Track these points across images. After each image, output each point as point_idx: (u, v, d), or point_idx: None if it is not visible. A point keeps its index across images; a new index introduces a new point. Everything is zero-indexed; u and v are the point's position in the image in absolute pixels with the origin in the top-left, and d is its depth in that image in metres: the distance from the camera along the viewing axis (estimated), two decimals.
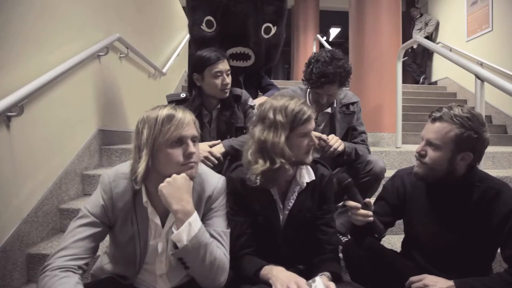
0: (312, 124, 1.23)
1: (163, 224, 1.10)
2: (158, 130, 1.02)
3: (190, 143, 1.06)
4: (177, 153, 1.04)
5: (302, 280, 1.11)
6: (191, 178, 1.08)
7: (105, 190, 1.08)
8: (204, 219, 1.13)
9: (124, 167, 1.12)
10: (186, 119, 1.06)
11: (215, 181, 1.18)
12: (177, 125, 1.03)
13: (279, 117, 1.17)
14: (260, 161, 1.18)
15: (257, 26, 2.25)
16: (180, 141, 1.05)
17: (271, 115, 1.18)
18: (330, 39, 10.37)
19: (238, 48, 2.23)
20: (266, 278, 1.14)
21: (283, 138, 1.16)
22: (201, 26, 2.24)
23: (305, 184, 1.28)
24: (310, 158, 1.24)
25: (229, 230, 1.16)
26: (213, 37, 2.23)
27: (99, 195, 1.09)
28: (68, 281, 0.95)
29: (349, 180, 1.22)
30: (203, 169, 1.19)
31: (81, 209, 1.09)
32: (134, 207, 1.08)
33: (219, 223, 1.14)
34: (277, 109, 1.19)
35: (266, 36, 2.29)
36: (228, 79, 1.74)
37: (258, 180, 1.21)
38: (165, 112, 1.04)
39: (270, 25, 2.28)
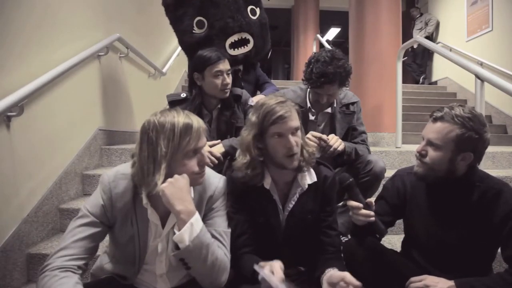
0: (288, 124, 1.17)
1: (163, 225, 1.10)
2: (177, 143, 1.00)
3: (204, 152, 1.07)
4: (193, 163, 1.05)
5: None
6: (200, 184, 1.09)
7: (105, 190, 1.08)
8: (205, 219, 1.13)
9: (124, 168, 1.11)
10: (201, 128, 1.05)
11: (216, 181, 1.18)
12: (195, 137, 1.02)
13: (252, 117, 1.22)
14: (241, 156, 1.23)
15: (242, 9, 2.29)
16: (195, 152, 1.05)
17: (250, 115, 1.24)
18: (330, 39, 10.38)
19: (236, 35, 2.26)
20: None
21: (250, 136, 1.20)
22: (193, 31, 2.27)
23: (306, 186, 1.28)
24: (294, 164, 1.21)
25: (229, 230, 1.16)
26: (208, 35, 2.26)
27: (98, 195, 1.09)
28: (67, 281, 0.95)
29: (351, 180, 1.22)
30: None
31: (81, 209, 1.08)
32: (134, 208, 1.08)
33: (220, 223, 1.14)
34: (255, 109, 1.23)
35: (254, 18, 2.33)
36: (229, 79, 1.74)
37: (243, 176, 1.23)
38: (181, 121, 1.01)
39: (253, 6, 2.34)
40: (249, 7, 2.32)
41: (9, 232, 1.59)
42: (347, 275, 1.08)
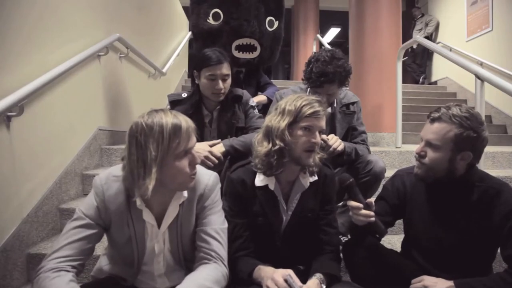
0: (320, 122, 1.22)
1: (159, 225, 1.10)
2: (166, 146, 0.98)
3: (195, 152, 1.06)
4: (184, 164, 1.02)
5: (279, 276, 1.12)
6: (190, 187, 1.08)
7: (97, 192, 1.07)
8: (199, 219, 1.12)
9: (116, 170, 1.09)
10: (190, 128, 1.03)
11: (206, 178, 1.15)
12: (184, 138, 1.00)
13: (289, 106, 1.22)
14: (264, 143, 1.24)
15: (261, 17, 2.31)
16: (186, 153, 1.03)
17: (283, 104, 1.24)
18: (329, 40, 10.38)
19: (245, 39, 2.27)
20: (257, 281, 1.17)
21: (285, 123, 1.21)
22: (207, 19, 2.29)
23: (308, 184, 1.29)
24: (309, 161, 1.23)
25: (226, 226, 1.16)
26: (220, 28, 2.27)
27: (92, 198, 1.08)
28: (60, 280, 0.95)
29: (351, 180, 1.22)
30: None
31: (76, 211, 1.08)
32: (129, 209, 1.07)
33: (215, 220, 1.13)
34: (290, 100, 1.24)
35: (270, 29, 2.35)
36: (222, 85, 1.70)
37: (260, 166, 1.23)
38: (169, 122, 0.99)
39: (273, 18, 2.36)
40: (268, 18, 2.36)
41: (9, 232, 1.59)
42: None
